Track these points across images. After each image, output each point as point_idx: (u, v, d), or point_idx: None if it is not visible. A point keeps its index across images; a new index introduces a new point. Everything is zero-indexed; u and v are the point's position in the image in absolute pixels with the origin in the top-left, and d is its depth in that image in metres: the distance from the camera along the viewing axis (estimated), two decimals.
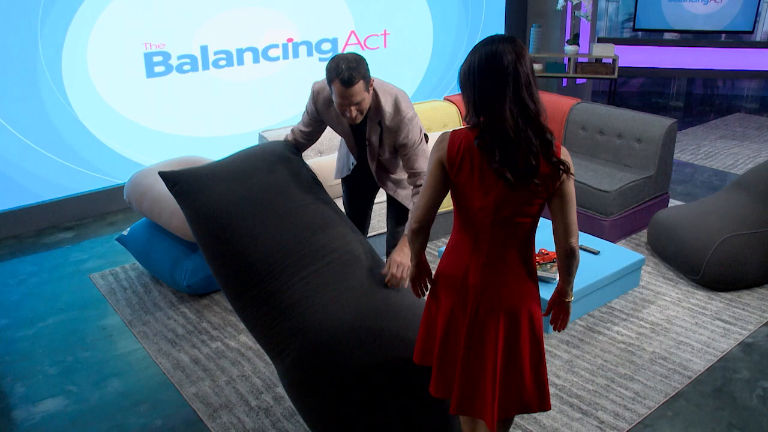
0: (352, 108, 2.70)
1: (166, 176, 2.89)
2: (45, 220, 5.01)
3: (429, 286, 2.28)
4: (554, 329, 2.25)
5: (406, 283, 2.75)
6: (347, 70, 2.61)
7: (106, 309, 3.86)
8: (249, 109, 5.91)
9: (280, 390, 3.07)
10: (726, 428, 2.84)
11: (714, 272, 3.87)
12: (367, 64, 2.72)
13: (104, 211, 5.25)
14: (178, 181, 2.87)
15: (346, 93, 2.65)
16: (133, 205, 4.06)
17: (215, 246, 2.75)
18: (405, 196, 3.16)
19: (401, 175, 3.13)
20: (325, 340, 2.51)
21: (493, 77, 1.88)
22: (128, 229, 4.22)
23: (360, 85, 2.65)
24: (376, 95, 2.84)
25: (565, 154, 1.94)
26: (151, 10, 5.18)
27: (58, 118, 4.96)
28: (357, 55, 2.71)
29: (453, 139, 2.00)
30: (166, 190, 3.87)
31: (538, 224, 2.11)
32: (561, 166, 1.92)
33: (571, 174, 1.95)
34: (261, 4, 5.79)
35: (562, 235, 2.01)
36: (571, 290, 2.15)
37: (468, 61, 1.93)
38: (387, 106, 2.84)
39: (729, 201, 4.17)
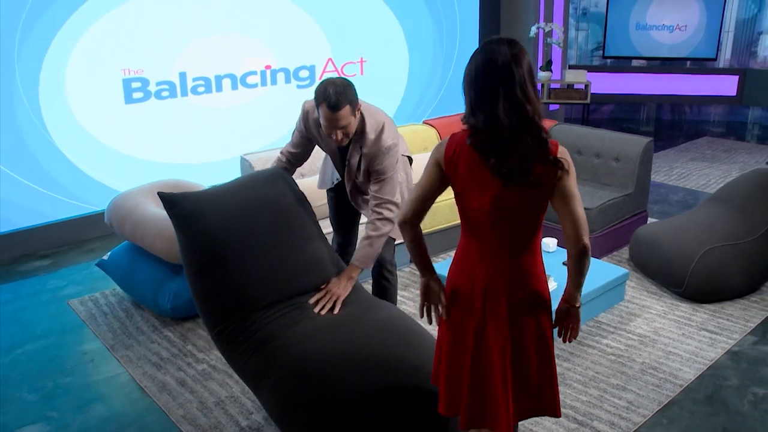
0: (338, 131, 2.77)
1: (164, 197, 2.81)
2: (20, 248, 4.89)
3: (441, 309, 2.16)
4: (564, 341, 2.19)
5: (327, 310, 2.80)
6: (334, 95, 2.68)
7: (86, 334, 3.76)
8: (227, 135, 5.89)
9: None
10: None
11: (697, 284, 3.92)
12: (354, 89, 2.79)
13: (82, 239, 5.14)
14: (177, 203, 2.80)
15: (332, 117, 2.72)
16: (114, 227, 3.99)
17: (205, 274, 2.72)
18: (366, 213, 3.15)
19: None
20: (303, 366, 2.50)
21: (486, 77, 1.90)
22: (108, 253, 4.14)
23: (346, 110, 2.72)
24: (363, 119, 2.89)
25: (563, 153, 1.95)
26: (130, 36, 5.17)
27: (35, 143, 4.89)
28: (345, 80, 2.77)
29: (451, 141, 2.02)
30: (149, 212, 3.84)
31: None
32: (557, 164, 1.93)
33: (568, 171, 1.96)
34: (239, 31, 5.82)
35: (572, 233, 1.97)
36: (580, 294, 2.13)
37: (468, 63, 1.95)
38: (370, 132, 2.90)
39: (708, 215, 4.25)
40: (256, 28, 5.93)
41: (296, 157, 3.18)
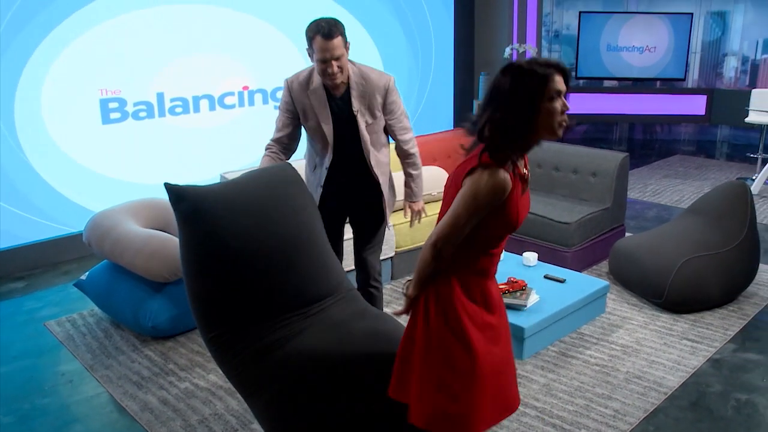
0: (333, 63, 2.83)
1: (172, 189, 2.53)
2: None
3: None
4: None
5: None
6: (327, 26, 2.80)
7: (64, 355, 3.68)
8: (205, 156, 5.87)
9: (256, 426, 2.96)
10: None
11: (677, 294, 3.97)
12: (344, 27, 2.88)
13: (57, 261, 5.06)
14: (186, 198, 2.53)
15: (327, 46, 2.79)
16: (92, 246, 3.93)
17: (206, 276, 2.53)
18: (384, 182, 3.22)
19: (382, 157, 3.19)
20: (303, 381, 2.43)
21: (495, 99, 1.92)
22: (86, 273, 4.08)
23: (339, 40, 2.81)
24: (360, 69, 3.02)
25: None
26: (107, 56, 5.14)
27: (10, 164, 4.81)
28: (335, 18, 2.88)
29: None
30: (129, 229, 3.79)
31: (501, 258, 2.16)
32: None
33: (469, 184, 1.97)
34: (217, 52, 5.83)
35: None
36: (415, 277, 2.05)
37: (510, 85, 1.90)
38: (371, 72, 3.04)
39: (684, 227, 4.32)
40: (233, 49, 5.94)
41: (287, 140, 3.15)
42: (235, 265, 2.52)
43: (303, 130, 3.22)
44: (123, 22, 5.20)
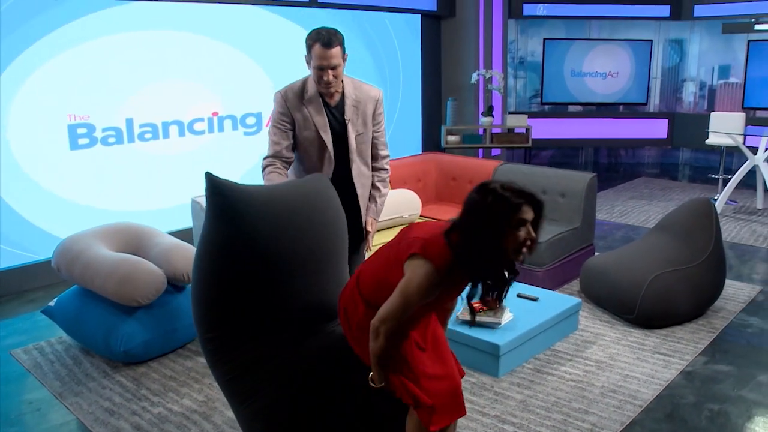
0: (330, 71, 2.94)
1: (211, 179, 2.44)
2: None
3: None
4: None
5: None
6: (327, 35, 2.91)
7: (31, 383, 3.58)
8: (175, 182, 5.83)
9: None
10: None
11: (648, 309, 4.03)
12: (344, 38, 3.00)
13: (23, 289, 4.94)
14: (223, 193, 2.43)
15: (325, 54, 2.90)
16: (62, 271, 3.85)
17: (220, 278, 2.44)
18: (362, 194, 3.28)
19: (365, 170, 3.28)
20: (294, 395, 2.40)
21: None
22: (55, 299, 3.99)
23: (337, 50, 2.93)
24: (353, 81, 3.19)
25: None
26: (75, 81, 5.10)
27: None
28: (336, 29, 2.98)
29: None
30: (100, 253, 3.73)
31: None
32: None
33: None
34: (186, 78, 5.83)
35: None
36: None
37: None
38: (364, 85, 3.23)
39: (653, 243, 4.40)
40: (203, 75, 5.95)
41: (286, 153, 3.11)
42: (257, 269, 2.44)
43: None
44: (92, 46, 5.17)
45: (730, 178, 6.92)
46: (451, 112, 7.80)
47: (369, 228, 3.32)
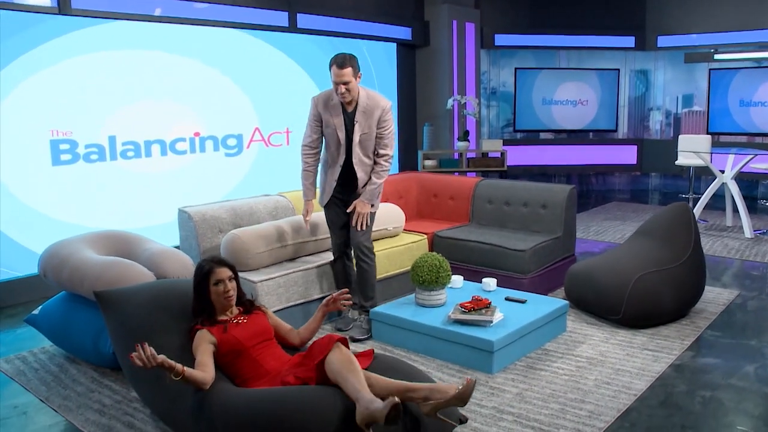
0: (342, 86, 3.81)
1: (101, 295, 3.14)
2: None
3: None
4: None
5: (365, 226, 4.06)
6: (341, 58, 3.82)
7: (15, 389, 3.48)
8: (156, 201, 5.80)
9: None
10: (680, 429, 2.94)
11: (634, 309, 4.10)
12: (357, 61, 3.88)
13: (3, 305, 4.82)
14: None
15: (338, 73, 3.79)
16: (48, 277, 3.79)
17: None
18: (361, 178, 4.05)
19: (366, 160, 4.03)
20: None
21: None
22: (39, 307, 3.91)
23: (349, 70, 3.80)
24: (368, 93, 3.99)
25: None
26: (58, 96, 5.09)
27: None
28: (352, 54, 3.87)
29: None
30: (88, 257, 3.70)
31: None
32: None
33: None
34: (169, 97, 5.86)
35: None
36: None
37: None
38: (376, 96, 4.03)
39: (636, 247, 4.50)
40: (185, 95, 5.99)
41: (316, 143, 4.12)
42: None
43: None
44: (76, 63, 5.18)
45: (700, 197, 7.11)
46: (427, 137, 7.91)
47: (353, 208, 4.03)
